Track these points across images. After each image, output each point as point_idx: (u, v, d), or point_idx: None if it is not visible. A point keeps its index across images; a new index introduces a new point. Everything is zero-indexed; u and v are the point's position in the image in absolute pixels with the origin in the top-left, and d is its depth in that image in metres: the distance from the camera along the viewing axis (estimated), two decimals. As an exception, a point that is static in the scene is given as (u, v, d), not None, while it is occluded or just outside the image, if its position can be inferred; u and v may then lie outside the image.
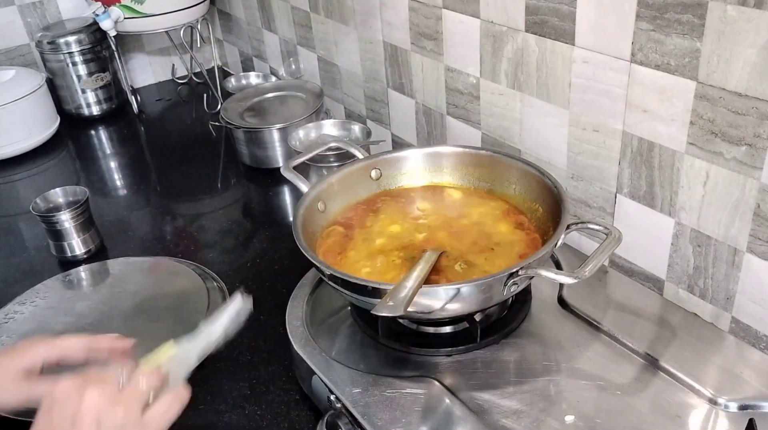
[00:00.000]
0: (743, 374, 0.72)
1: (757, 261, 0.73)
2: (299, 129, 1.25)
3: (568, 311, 0.83)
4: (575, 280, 0.66)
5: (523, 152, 0.99)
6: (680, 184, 0.78)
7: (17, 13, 1.70)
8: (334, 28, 1.34)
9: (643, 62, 0.76)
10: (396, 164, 0.94)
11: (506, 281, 0.69)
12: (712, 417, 0.68)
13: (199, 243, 1.16)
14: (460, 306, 0.71)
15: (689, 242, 0.80)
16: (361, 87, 1.33)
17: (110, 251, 1.16)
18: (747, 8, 0.64)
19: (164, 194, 1.36)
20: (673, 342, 0.76)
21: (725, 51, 0.67)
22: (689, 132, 0.74)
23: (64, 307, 0.98)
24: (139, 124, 1.73)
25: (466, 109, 1.07)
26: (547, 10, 0.85)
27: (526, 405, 0.70)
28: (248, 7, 1.66)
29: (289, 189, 1.30)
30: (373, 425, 0.68)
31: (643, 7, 0.73)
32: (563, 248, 0.91)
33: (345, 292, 0.73)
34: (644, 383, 0.72)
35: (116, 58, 1.68)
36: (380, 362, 0.77)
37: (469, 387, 0.72)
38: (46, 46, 1.63)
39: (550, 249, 0.72)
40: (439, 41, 1.06)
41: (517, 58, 0.93)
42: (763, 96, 0.66)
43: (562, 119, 0.90)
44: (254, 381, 0.85)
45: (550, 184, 0.82)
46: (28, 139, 1.54)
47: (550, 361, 0.76)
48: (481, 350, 0.77)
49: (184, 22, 1.59)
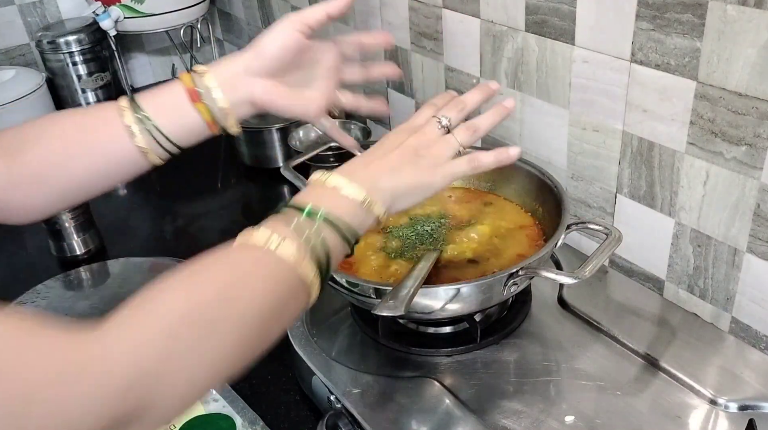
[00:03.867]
0: (743, 374, 0.72)
1: (757, 261, 0.73)
2: (299, 129, 1.25)
3: (568, 311, 0.82)
4: (575, 280, 0.66)
5: (523, 152, 0.98)
6: (680, 184, 0.78)
7: (17, 13, 1.69)
8: (333, 28, 1.33)
9: (643, 62, 0.76)
10: (396, 164, 0.94)
11: (506, 281, 0.69)
12: (712, 417, 0.68)
13: (199, 243, 1.15)
14: (460, 306, 0.71)
15: (689, 242, 0.80)
16: (360, 87, 1.33)
17: (110, 251, 1.15)
18: (747, 8, 0.64)
19: (164, 194, 1.36)
20: (673, 342, 0.76)
21: (725, 51, 0.67)
22: (689, 132, 0.74)
23: (65, 307, 0.98)
24: (139, 124, 1.72)
25: (466, 109, 1.06)
26: (547, 10, 0.85)
27: (526, 405, 0.70)
28: (248, 6, 1.66)
29: (289, 189, 1.30)
30: (373, 426, 0.68)
31: (643, 6, 0.73)
32: (563, 247, 0.90)
33: (345, 292, 0.73)
34: (644, 384, 0.72)
35: (116, 57, 1.68)
36: (380, 362, 0.77)
37: (469, 387, 0.72)
38: (46, 46, 1.63)
39: (550, 249, 0.72)
40: (439, 41, 1.06)
41: (517, 57, 0.93)
42: (763, 96, 0.66)
43: (562, 119, 0.90)
44: (254, 381, 0.85)
45: (550, 184, 0.82)
46: (28, 139, 1.53)
47: (550, 361, 0.76)
48: (481, 350, 0.77)
49: (184, 21, 1.59)
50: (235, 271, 0.49)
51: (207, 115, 0.65)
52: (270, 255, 0.49)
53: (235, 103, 0.65)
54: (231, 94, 0.65)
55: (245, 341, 0.47)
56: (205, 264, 0.48)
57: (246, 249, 0.50)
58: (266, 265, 0.49)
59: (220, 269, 0.49)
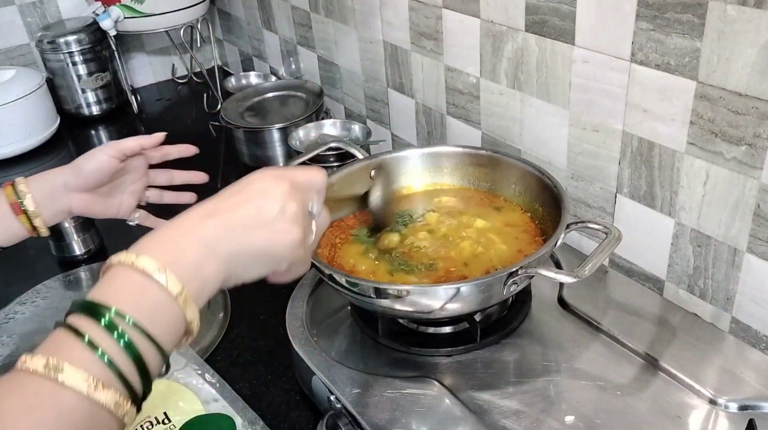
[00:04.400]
0: (743, 374, 0.72)
1: (757, 261, 0.73)
2: (299, 129, 1.25)
3: (568, 311, 0.82)
4: (575, 279, 0.66)
5: (523, 152, 0.99)
6: (680, 184, 0.78)
7: (17, 13, 1.70)
8: (334, 28, 1.34)
9: (643, 62, 0.76)
10: (396, 164, 0.94)
11: (506, 280, 0.69)
12: (712, 417, 0.68)
13: (199, 243, 1.16)
14: (459, 306, 0.71)
15: (689, 242, 0.80)
16: (361, 87, 1.33)
17: (110, 251, 1.15)
18: (747, 8, 0.64)
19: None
20: (673, 342, 0.76)
21: (725, 51, 0.67)
22: (689, 132, 0.74)
23: (65, 307, 0.97)
24: (139, 124, 1.73)
25: (466, 109, 1.07)
26: (547, 10, 0.85)
27: (526, 405, 0.70)
28: (248, 6, 1.66)
29: (289, 189, 1.29)
30: (373, 426, 0.68)
31: (643, 6, 0.73)
32: (563, 247, 0.91)
33: (345, 292, 0.73)
34: (644, 384, 0.72)
35: (116, 57, 1.68)
36: (380, 362, 0.77)
37: (469, 387, 0.72)
38: (46, 46, 1.63)
39: (549, 248, 0.72)
40: (439, 41, 1.06)
41: (517, 57, 0.93)
42: (763, 96, 0.66)
43: (562, 119, 0.90)
44: (254, 381, 0.85)
45: (550, 184, 0.82)
46: (28, 139, 1.54)
47: (550, 361, 0.76)
48: (481, 350, 0.77)
49: (184, 21, 1.59)
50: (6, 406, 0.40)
51: (27, 224, 0.76)
52: (51, 384, 0.40)
53: (53, 213, 0.78)
54: (49, 206, 0.77)
55: None
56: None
57: (23, 377, 0.41)
58: (47, 396, 0.40)
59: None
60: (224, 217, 0.49)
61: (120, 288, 0.44)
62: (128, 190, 0.85)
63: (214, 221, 0.49)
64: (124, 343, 0.42)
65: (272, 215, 0.50)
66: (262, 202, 0.50)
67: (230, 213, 0.49)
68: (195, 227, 0.48)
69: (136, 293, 0.44)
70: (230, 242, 0.48)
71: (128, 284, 0.44)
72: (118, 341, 0.42)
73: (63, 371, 0.40)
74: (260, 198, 0.50)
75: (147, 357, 0.43)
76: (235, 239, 0.48)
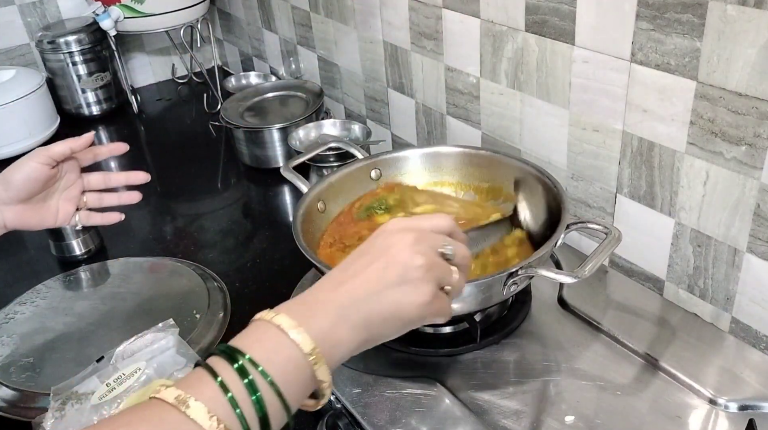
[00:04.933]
0: (743, 374, 0.72)
1: (757, 261, 0.73)
2: (299, 129, 1.25)
3: (568, 311, 0.83)
4: (575, 279, 0.66)
5: (523, 152, 0.99)
6: (680, 184, 0.78)
7: (17, 13, 1.70)
8: (334, 28, 1.34)
9: (643, 62, 0.76)
10: (396, 164, 0.94)
11: (506, 280, 0.69)
12: (712, 417, 0.68)
13: (199, 243, 1.16)
14: (459, 306, 0.71)
15: (689, 242, 0.80)
16: (361, 87, 1.33)
17: (110, 251, 1.15)
18: (747, 8, 0.64)
19: (164, 194, 1.36)
20: (673, 342, 0.76)
21: (725, 51, 0.67)
22: (689, 132, 0.74)
23: (65, 307, 0.98)
24: (139, 124, 1.73)
25: (466, 109, 1.07)
26: (547, 10, 0.85)
27: (526, 405, 0.70)
28: (248, 6, 1.66)
29: (289, 189, 1.30)
30: (373, 426, 0.68)
31: (643, 6, 0.73)
32: (563, 247, 0.91)
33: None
34: (644, 384, 0.72)
35: (116, 57, 1.68)
36: (380, 362, 0.77)
37: (469, 387, 0.72)
38: (46, 46, 1.63)
39: (549, 249, 0.72)
40: (439, 41, 1.06)
41: (517, 57, 0.93)
42: (763, 96, 0.66)
43: (562, 119, 0.90)
44: (254, 381, 0.85)
45: (550, 184, 0.82)
46: (28, 139, 1.54)
47: (550, 361, 0.76)
48: (481, 351, 0.77)
49: (184, 21, 1.59)
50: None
51: None
52: (179, 417, 0.43)
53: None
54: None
55: None
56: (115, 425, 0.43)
57: (155, 405, 0.44)
58: (174, 425, 0.42)
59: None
60: (353, 282, 0.50)
61: (257, 339, 0.47)
62: (63, 197, 0.84)
63: (345, 288, 0.50)
64: (251, 389, 0.44)
65: (398, 273, 0.50)
66: (388, 259, 0.51)
67: (358, 278, 0.50)
68: (328, 296, 0.50)
69: (270, 346, 0.47)
70: (360, 310, 0.49)
71: (264, 337, 0.47)
72: (247, 388, 0.44)
73: (190, 407, 0.42)
74: (385, 255, 0.51)
75: (270, 409, 0.45)
76: (366, 306, 0.50)
